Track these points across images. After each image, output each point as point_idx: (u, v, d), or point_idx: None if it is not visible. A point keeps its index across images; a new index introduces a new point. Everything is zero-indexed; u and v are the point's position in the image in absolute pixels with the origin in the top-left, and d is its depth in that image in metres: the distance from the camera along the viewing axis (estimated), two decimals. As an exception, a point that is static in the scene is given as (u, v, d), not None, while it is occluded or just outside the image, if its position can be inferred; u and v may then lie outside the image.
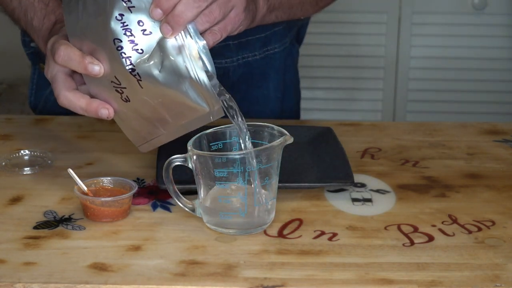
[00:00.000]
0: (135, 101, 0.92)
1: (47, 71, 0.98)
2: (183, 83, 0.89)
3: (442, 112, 2.72)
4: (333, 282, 0.82)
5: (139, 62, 0.89)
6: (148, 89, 0.91)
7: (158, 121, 0.94)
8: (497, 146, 1.20)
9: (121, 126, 0.97)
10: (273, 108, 1.41)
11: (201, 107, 0.91)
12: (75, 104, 0.95)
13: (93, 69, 0.91)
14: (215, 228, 0.92)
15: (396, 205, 1.00)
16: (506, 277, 0.83)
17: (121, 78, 0.91)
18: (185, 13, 0.89)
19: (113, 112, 0.94)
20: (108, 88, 0.93)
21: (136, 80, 0.90)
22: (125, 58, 0.89)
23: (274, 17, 1.14)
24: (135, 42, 0.89)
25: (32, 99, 1.43)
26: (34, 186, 1.04)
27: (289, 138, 0.91)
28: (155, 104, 0.92)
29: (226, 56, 1.34)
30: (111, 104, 0.94)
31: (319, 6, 1.27)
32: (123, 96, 0.92)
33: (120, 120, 0.96)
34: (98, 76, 0.92)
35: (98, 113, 0.94)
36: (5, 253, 0.86)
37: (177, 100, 0.91)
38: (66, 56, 0.93)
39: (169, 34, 0.89)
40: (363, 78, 2.74)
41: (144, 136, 0.97)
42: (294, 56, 1.45)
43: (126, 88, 0.92)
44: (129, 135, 0.98)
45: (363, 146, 1.20)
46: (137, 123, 0.95)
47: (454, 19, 2.67)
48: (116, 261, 0.85)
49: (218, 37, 0.94)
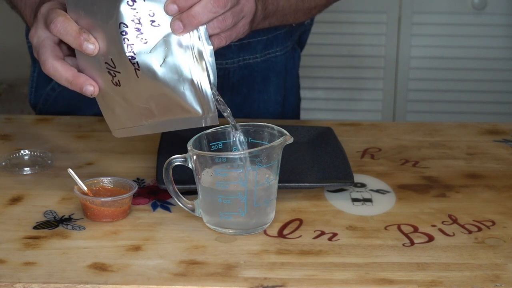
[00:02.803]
0: (126, 88, 0.91)
1: (33, 35, 0.96)
2: (183, 83, 0.89)
3: (442, 112, 2.72)
4: (333, 282, 0.82)
5: (141, 52, 0.88)
6: (144, 80, 0.90)
7: (144, 112, 0.92)
8: (497, 146, 1.20)
9: (102, 107, 0.95)
10: (274, 112, 1.41)
11: (194, 110, 0.90)
12: (61, 74, 0.93)
13: (87, 47, 0.90)
14: (215, 228, 0.92)
15: (396, 205, 1.00)
16: (506, 277, 0.83)
17: (118, 62, 0.90)
18: (201, 15, 0.88)
19: (98, 91, 0.93)
20: (100, 68, 0.91)
21: (134, 68, 0.89)
22: (128, 44, 0.88)
23: (267, 23, 1.14)
24: (141, 31, 0.88)
25: (32, 97, 1.42)
26: (34, 186, 1.04)
27: (289, 138, 0.91)
28: (146, 96, 0.91)
29: (227, 57, 1.34)
30: (97, 83, 0.93)
31: (311, 14, 1.27)
32: (115, 79, 0.91)
33: (103, 100, 0.94)
34: (91, 55, 0.91)
35: (83, 88, 0.92)
36: (5, 253, 0.86)
37: (170, 98, 0.90)
38: (62, 28, 0.91)
39: (179, 32, 0.88)
40: (363, 78, 2.74)
41: (123, 122, 0.95)
42: (296, 60, 1.45)
43: (120, 73, 0.90)
44: (108, 117, 0.96)
45: (363, 146, 1.20)
46: (120, 109, 0.94)
47: (454, 19, 2.67)
48: (116, 261, 0.85)
49: (223, 43, 0.94)
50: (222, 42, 0.94)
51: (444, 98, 2.73)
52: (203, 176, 0.90)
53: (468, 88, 2.72)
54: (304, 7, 1.21)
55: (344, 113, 2.75)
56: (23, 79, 1.40)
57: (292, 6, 1.18)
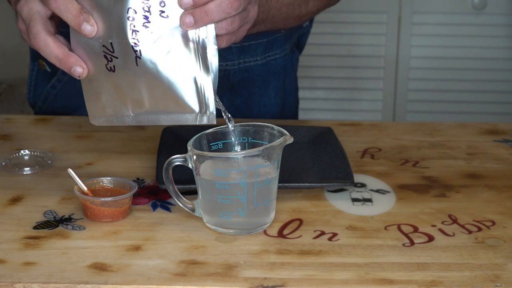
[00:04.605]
0: (120, 74, 0.90)
1: (23, 6, 0.93)
2: (183, 79, 0.88)
3: (442, 112, 2.72)
4: (333, 282, 0.82)
5: (145, 41, 0.87)
6: (143, 69, 0.89)
7: (133, 102, 0.91)
8: (497, 146, 1.21)
9: (86, 91, 0.93)
10: (273, 114, 1.41)
11: (190, 107, 0.90)
12: (52, 51, 0.91)
13: (86, 28, 0.88)
14: (215, 228, 0.92)
15: (396, 205, 1.00)
16: (506, 277, 0.83)
17: (118, 48, 0.89)
18: (214, 13, 0.88)
19: (86, 73, 0.91)
20: (95, 50, 0.90)
21: (135, 56, 0.88)
22: (133, 30, 0.87)
23: (256, 30, 1.14)
24: (148, 20, 0.87)
25: (31, 96, 1.42)
26: (34, 186, 1.04)
27: (289, 138, 0.91)
28: (141, 85, 0.89)
29: (227, 58, 1.34)
30: (87, 65, 0.91)
31: (301, 21, 1.27)
32: (110, 64, 0.89)
33: (89, 85, 0.92)
34: (88, 37, 0.89)
35: (72, 68, 0.91)
36: (5, 253, 0.86)
37: (167, 91, 0.89)
38: (63, 5, 0.89)
39: (189, 26, 0.87)
40: (363, 78, 2.74)
41: (106, 111, 0.93)
42: (294, 63, 1.45)
43: (118, 59, 0.89)
44: (90, 103, 0.94)
45: (363, 146, 1.20)
46: (107, 96, 0.92)
47: (454, 19, 2.67)
48: (116, 261, 0.85)
49: (223, 45, 0.94)
50: (223, 43, 0.94)
51: (444, 98, 2.73)
52: (203, 176, 0.90)
53: (468, 88, 2.73)
54: (294, 14, 1.21)
55: (344, 113, 2.75)
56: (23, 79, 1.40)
57: (282, 14, 1.18)
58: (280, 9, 1.17)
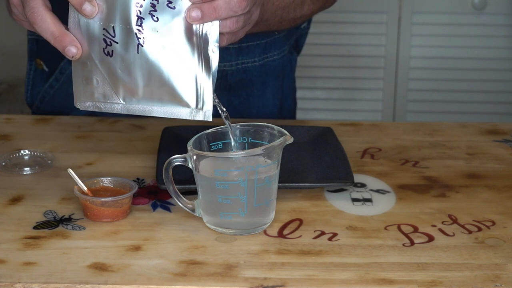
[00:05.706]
0: (117, 60, 0.89)
1: None
2: (183, 71, 0.88)
3: (442, 112, 2.72)
4: (333, 282, 0.82)
5: (150, 29, 0.87)
6: (144, 57, 0.88)
7: (126, 89, 0.90)
8: (497, 146, 1.21)
9: (75, 73, 0.91)
10: (271, 115, 1.41)
11: (186, 101, 0.89)
12: (48, 27, 0.89)
13: (86, 8, 0.87)
14: (215, 228, 0.92)
15: (396, 205, 1.00)
16: (506, 277, 0.83)
17: (120, 32, 0.88)
18: (221, 10, 0.88)
19: (80, 55, 0.89)
20: (94, 33, 0.88)
21: (137, 43, 0.87)
22: (139, 17, 0.87)
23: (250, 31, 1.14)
24: (155, 8, 0.86)
25: (29, 95, 1.41)
26: (34, 186, 1.04)
27: (289, 138, 0.91)
28: (138, 73, 0.89)
29: (225, 59, 1.34)
30: (82, 47, 0.89)
31: (296, 23, 1.27)
32: (108, 49, 0.88)
33: (81, 67, 0.91)
34: (87, 17, 0.88)
35: (66, 48, 0.89)
36: (5, 253, 0.86)
37: (165, 82, 0.88)
38: None
39: (195, 20, 0.87)
40: (363, 78, 2.74)
41: (95, 96, 0.91)
42: (292, 64, 1.45)
43: (118, 44, 0.88)
44: (78, 86, 0.92)
45: (363, 146, 1.20)
46: (99, 80, 0.90)
47: (454, 19, 2.67)
48: (116, 261, 0.85)
49: (223, 44, 0.93)
50: (223, 42, 0.94)
51: (444, 98, 2.73)
52: (203, 176, 0.90)
53: (468, 88, 2.73)
54: (289, 18, 1.21)
55: (343, 113, 2.75)
56: (23, 79, 1.40)
57: (277, 17, 1.18)
58: (275, 12, 1.17)
